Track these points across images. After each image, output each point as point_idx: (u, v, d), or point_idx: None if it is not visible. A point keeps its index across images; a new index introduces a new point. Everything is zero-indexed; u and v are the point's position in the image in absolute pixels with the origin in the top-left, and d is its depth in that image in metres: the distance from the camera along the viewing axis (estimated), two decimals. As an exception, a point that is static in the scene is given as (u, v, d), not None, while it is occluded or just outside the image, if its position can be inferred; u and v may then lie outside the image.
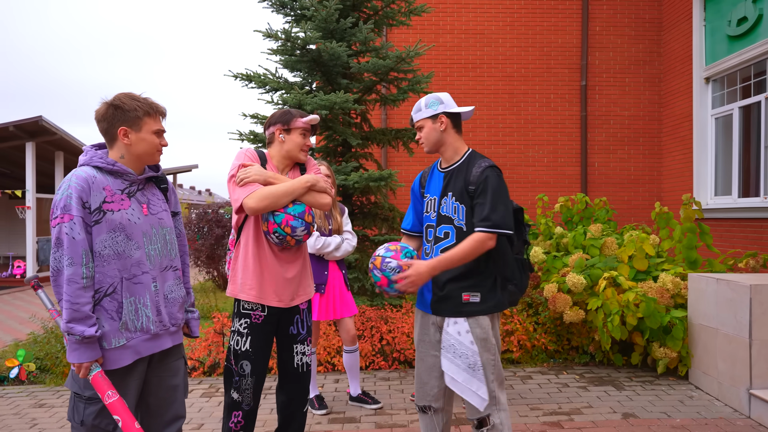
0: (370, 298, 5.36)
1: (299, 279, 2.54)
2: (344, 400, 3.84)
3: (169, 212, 2.15)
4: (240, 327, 2.48)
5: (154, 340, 2.01)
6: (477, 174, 2.22)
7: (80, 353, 1.83)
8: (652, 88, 8.66)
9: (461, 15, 8.68)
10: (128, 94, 2.00)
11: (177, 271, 2.14)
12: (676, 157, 8.15)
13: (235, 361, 2.47)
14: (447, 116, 2.31)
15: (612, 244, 4.78)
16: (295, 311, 2.55)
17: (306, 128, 2.52)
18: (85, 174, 1.90)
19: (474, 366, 2.19)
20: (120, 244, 1.92)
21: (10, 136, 12.14)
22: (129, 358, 1.94)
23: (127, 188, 2.00)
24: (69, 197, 1.85)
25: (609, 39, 8.67)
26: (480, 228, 2.17)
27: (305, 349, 2.59)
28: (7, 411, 3.87)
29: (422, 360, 2.37)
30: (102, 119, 1.97)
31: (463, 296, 2.24)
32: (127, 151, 1.98)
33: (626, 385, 4.04)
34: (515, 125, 8.68)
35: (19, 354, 4.71)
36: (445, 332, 2.26)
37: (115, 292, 1.91)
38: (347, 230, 3.69)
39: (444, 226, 2.29)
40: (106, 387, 1.83)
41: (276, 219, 2.37)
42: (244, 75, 5.51)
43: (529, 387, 4.03)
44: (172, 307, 2.09)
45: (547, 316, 4.71)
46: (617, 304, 4.00)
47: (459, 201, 2.25)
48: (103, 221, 1.89)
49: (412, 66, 5.52)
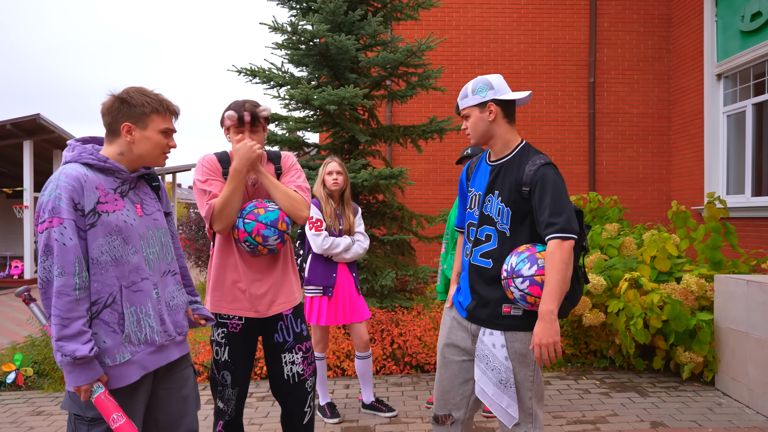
0: (379, 300, 5.20)
1: (277, 288, 2.34)
2: (356, 407, 3.68)
3: (162, 212, 1.96)
4: (218, 337, 2.33)
5: (160, 352, 1.83)
6: (531, 173, 1.97)
7: (77, 375, 1.61)
8: (661, 86, 8.52)
9: (467, 11, 8.53)
10: (139, 88, 1.81)
11: (176, 276, 1.96)
12: (686, 155, 8.01)
13: (217, 371, 2.34)
14: (497, 104, 2.03)
15: (630, 244, 4.62)
16: (278, 318, 2.37)
17: (233, 124, 2.26)
18: (76, 172, 1.69)
19: (506, 383, 2.00)
20: (117, 248, 1.73)
21: (7, 134, 11.95)
22: (136, 374, 1.75)
23: (120, 187, 1.80)
24: (58, 198, 1.63)
25: (617, 35, 8.52)
26: (551, 235, 1.89)
27: (294, 358, 2.38)
28: (4, 419, 3.70)
29: (446, 365, 2.17)
30: (107, 112, 1.78)
31: (503, 308, 2.03)
32: (128, 149, 1.80)
33: (650, 391, 3.88)
34: (522, 123, 8.53)
35: (16, 358, 4.54)
36: (480, 341, 2.06)
37: (115, 302, 1.72)
38: (359, 231, 3.52)
39: (486, 228, 2.06)
40: (111, 409, 1.64)
41: (246, 227, 2.19)
42: (248, 70, 5.34)
43: (549, 393, 3.88)
44: (176, 315, 1.92)
45: (565, 318, 4.56)
46: (640, 306, 3.85)
47: (506, 203, 2.01)
48: (98, 224, 1.69)
49: (423, 60, 5.36)
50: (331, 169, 3.39)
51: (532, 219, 2.00)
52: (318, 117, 5.51)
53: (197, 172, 2.27)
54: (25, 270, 12.56)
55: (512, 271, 1.93)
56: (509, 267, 1.95)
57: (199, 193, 2.25)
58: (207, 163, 2.29)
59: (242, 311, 2.30)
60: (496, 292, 2.04)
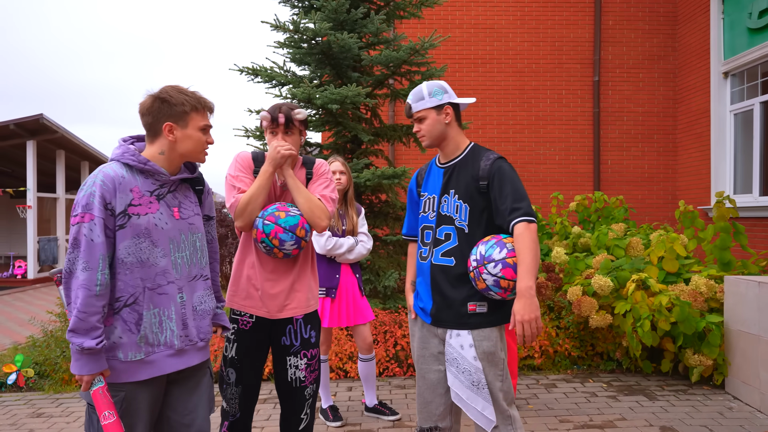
0: (382, 301, 5.14)
1: (290, 291, 2.33)
2: (359, 410, 3.62)
3: (201, 216, 1.96)
4: (229, 333, 2.33)
5: (179, 356, 1.84)
6: (487, 167, 2.03)
7: (81, 365, 1.66)
8: (666, 84, 8.44)
9: (471, 9, 8.47)
10: (176, 86, 1.83)
11: (207, 281, 1.96)
12: (693, 155, 7.92)
13: (224, 367, 2.33)
14: (452, 107, 2.10)
15: (638, 245, 4.55)
16: (287, 322, 2.35)
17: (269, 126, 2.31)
18: (113, 173, 1.73)
19: (478, 384, 1.99)
20: (144, 251, 1.76)
21: (10, 134, 11.96)
22: (147, 373, 1.77)
23: (157, 190, 1.82)
24: (92, 195, 1.69)
25: (622, 33, 8.45)
26: (517, 219, 1.95)
27: (299, 363, 2.36)
28: (3, 421, 3.66)
29: (424, 377, 2.15)
30: (147, 113, 1.80)
31: (468, 306, 2.02)
32: (170, 148, 1.82)
33: (658, 394, 3.82)
34: (526, 122, 8.47)
35: (17, 359, 4.51)
36: (448, 344, 2.05)
37: (136, 302, 1.75)
38: (362, 232, 3.46)
39: (445, 227, 2.08)
40: (105, 405, 1.66)
41: (265, 229, 2.19)
42: (250, 69, 5.30)
43: (555, 396, 3.81)
44: (202, 320, 1.91)
45: (571, 320, 4.49)
46: (647, 308, 3.78)
47: (463, 199, 2.05)
48: (127, 226, 1.73)
49: (426, 58, 5.30)
50: (335, 169, 3.34)
51: (488, 214, 2.05)
52: (320, 116, 5.46)
53: (230, 168, 2.32)
54: (28, 270, 12.56)
55: (482, 258, 1.95)
56: (478, 256, 1.97)
57: (228, 187, 2.29)
58: (241, 159, 2.33)
59: (253, 309, 2.30)
60: (461, 292, 2.05)
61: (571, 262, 4.71)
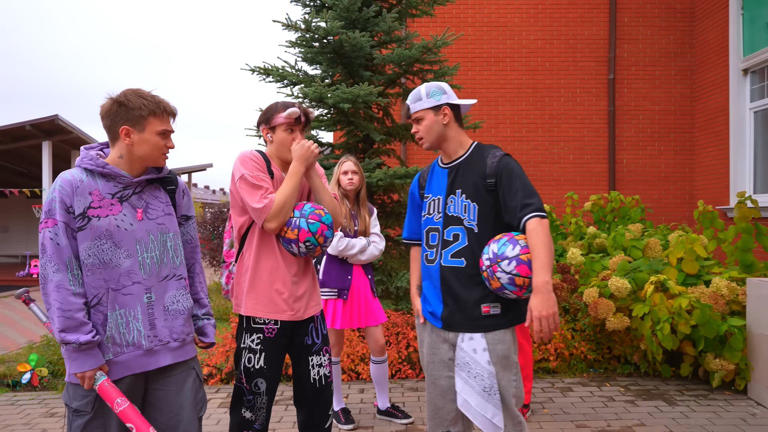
0: (394, 302, 5.09)
1: (311, 289, 2.35)
2: (371, 413, 3.58)
3: (174, 216, 1.95)
4: (252, 343, 2.24)
5: (149, 356, 1.84)
6: (494, 164, 1.99)
7: (81, 362, 1.71)
8: (684, 81, 8.29)
9: (483, 7, 8.39)
10: (136, 90, 1.83)
11: (182, 280, 1.94)
12: (711, 153, 7.77)
13: (248, 380, 2.24)
14: (450, 108, 2.07)
15: (656, 246, 4.45)
16: (310, 320, 2.34)
17: (289, 123, 2.24)
18: (71, 177, 1.78)
19: (490, 390, 1.93)
20: (106, 252, 1.78)
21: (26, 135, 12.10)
22: (117, 373, 1.79)
23: (120, 192, 1.84)
24: (53, 201, 1.75)
25: (638, 30, 8.31)
26: (530, 215, 1.91)
27: (322, 360, 2.35)
28: (17, 420, 3.67)
29: (434, 383, 2.09)
30: (105, 116, 1.83)
31: (482, 308, 1.97)
32: (128, 152, 1.83)
33: (678, 399, 3.72)
34: (539, 121, 8.37)
35: (31, 358, 4.53)
36: (459, 348, 1.99)
37: (100, 303, 1.78)
38: (374, 232, 3.41)
39: (453, 228, 2.04)
40: (114, 395, 1.71)
41: (311, 228, 2.17)
42: (261, 69, 5.28)
43: (571, 401, 3.74)
44: (174, 320, 1.89)
45: (587, 322, 4.41)
46: (667, 310, 3.69)
47: (471, 199, 2.01)
48: (87, 228, 1.76)
49: (438, 57, 5.24)
50: (347, 169, 3.30)
51: (496, 212, 2.01)
52: (332, 116, 5.42)
53: (245, 167, 2.19)
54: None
55: (495, 257, 1.91)
56: (491, 254, 1.92)
57: (251, 188, 2.16)
58: (255, 157, 2.23)
59: (278, 314, 2.24)
60: (473, 293, 2.00)
61: (587, 263, 4.62)
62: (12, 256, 17.56)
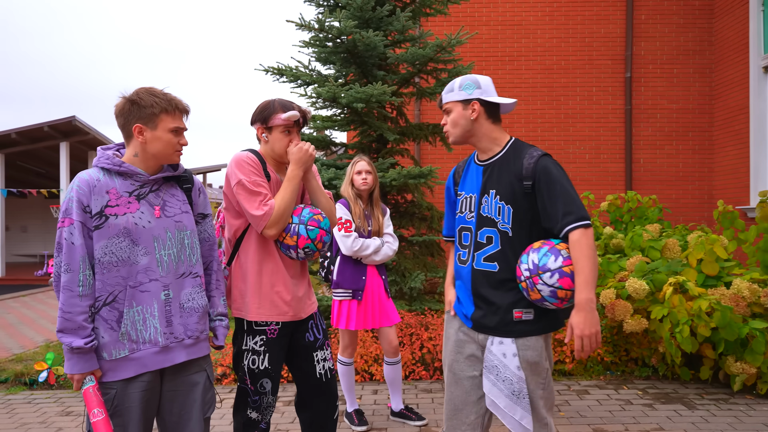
0: (408, 302, 5.07)
1: (307, 290, 2.37)
2: (385, 414, 3.55)
3: (191, 214, 1.96)
4: (254, 345, 2.23)
5: (164, 353, 1.85)
6: (530, 165, 1.87)
7: (72, 364, 1.73)
8: (702, 79, 8.15)
9: (498, 5, 8.33)
10: (148, 89, 1.84)
11: (198, 278, 1.94)
12: (730, 152, 7.63)
13: (253, 381, 2.23)
14: (481, 104, 1.96)
15: (674, 246, 4.37)
16: (309, 318, 2.36)
17: (288, 125, 2.20)
18: (88, 177, 1.80)
19: (519, 393, 1.87)
20: (124, 249, 1.80)
21: (44, 136, 12.28)
22: (132, 370, 1.80)
23: (137, 190, 1.86)
24: (70, 200, 1.77)
25: (656, 28, 8.19)
26: (573, 225, 1.80)
27: (326, 354, 2.37)
28: (33, 419, 3.71)
29: (457, 382, 2.01)
30: (119, 115, 1.85)
31: (514, 313, 1.90)
32: (142, 150, 1.85)
33: (698, 403, 3.65)
34: (555, 120, 8.28)
35: (48, 357, 4.58)
36: (488, 351, 1.93)
37: (116, 300, 1.79)
38: (388, 233, 3.39)
39: (486, 230, 1.94)
40: (95, 404, 1.71)
41: (310, 234, 2.17)
42: (275, 69, 5.28)
43: (588, 403, 3.68)
44: (189, 318, 1.90)
45: (604, 324, 4.34)
46: (686, 312, 3.62)
47: (505, 201, 1.91)
48: (104, 226, 1.78)
49: (452, 56, 5.20)
50: (360, 169, 3.28)
51: (533, 215, 1.90)
52: (345, 115, 5.41)
53: (242, 171, 2.14)
54: (61, 269, 12.86)
55: (537, 268, 1.80)
56: (531, 265, 1.82)
57: (250, 193, 2.13)
58: (252, 161, 2.18)
59: (280, 316, 2.24)
60: (504, 297, 1.92)
61: (604, 264, 4.55)
62: (31, 256, 17.83)
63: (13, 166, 14.07)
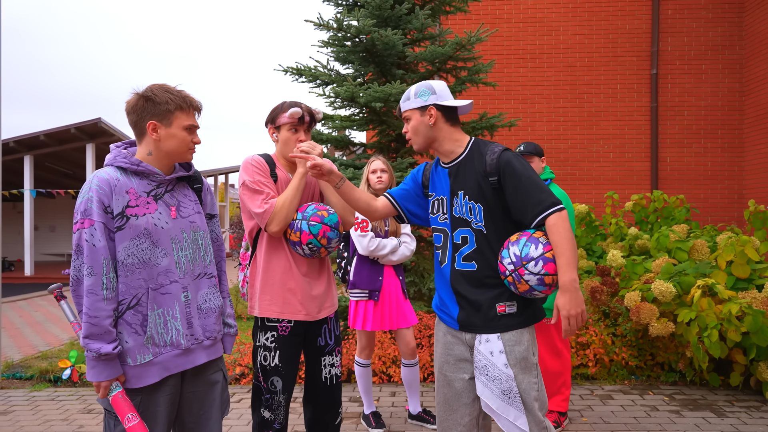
0: (427, 303, 5.01)
1: (326, 291, 2.35)
2: (403, 417, 3.51)
3: (202, 215, 1.96)
4: (266, 341, 2.26)
5: (186, 355, 1.83)
6: (493, 161, 1.91)
7: (98, 371, 1.67)
8: (732, 76, 7.90)
9: (519, 2, 8.21)
10: (162, 85, 1.81)
11: (212, 279, 1.95)
12: (762, 150, 7.38)
13: (265, 378, 2.25)
14: (438, 108, 1.99)
15: (703, 248, 4.23)
16: (323, 321, 2.35)
17: (293, 122, 2.24)
18: (107, 176, 1.74)
19: (509, 392, 1.86)
20: (145, 251, 1.75)
21: (71, 137, 12.56)
22: (156, 375, 1.77)
23: (154, 190, 1.82)
24: (90, 201, 1.70)
25: (683, 23, 7.98)
26: (547, 212, 1.82)
27: (334, 360, 2.38)
28: (56, 416, 3.76)
29: (449, 384, 2.01)
30: (132, 111, 1.80)
31: (497, 307, 1.90)
32: (156, 147, 1.81)
33: (728, 411, 3.51)
34: (578, 118, 8.13)
35: (71, 355, 4.65)
36: (477, 351, 1.92)
37: (140, 304, 1.75)
38: (405, 233, 3.35)
39: (461, 230, 1.97)
40: (126, 409, 1.68)
41: (312, 230, 2.16)
42: (294, 69, 5.28)
43: (612, 409, 3.57)
44: (207, 319, 1.89)
45: (629, 327, 4.22)
46: (715, 316, 3.49)
47: (474, 200, 1.93)
48: (126, 227, 1.73)
49: (472, 54, 5.13)
50: (376, 168, 3.25)
51: (503, 210, 1.94)
52: (364, 115, 5.38)
53: (247, 173, 2.23)
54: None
55: (520, 259, 1.82)
56: (513, 258, 1.83)
57: (252, 192, 2.20)
58: (256, 163, 2.25)
59: (292, 314, 2.25)
60: (486, 294, 1.94)
61: (629, 265, 4.43)
62: (58, 255, 18.28)
63: (41, 167, 14.43)
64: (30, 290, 11.08)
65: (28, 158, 12.84)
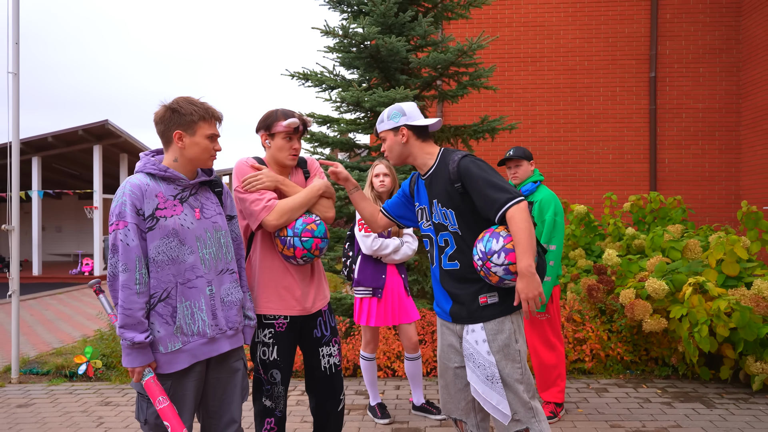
0: (430, 300, 5.17)
1: (317, 285, 2.50)
2: (407, 408, 3.67)
3: (224, 216, 2.14)
4: (264, 338, 2.40)
5: (211, 344, 2.01)
6: (455, 169, 2.11)
7: (132, 358, 1.86)
8: (729, 78, 8.05)
9: (520, 7, 8.37)
10: (186, 98, 2.00)
11: (234, 274, 2.13)
12: (758, 152, 7.53)
13: (265, 371, 2.40)
14: (409, 128, 2.22)
15: (695, 247, 4.38)
16: (317, 314, 2.49)
17: (288, 131, 2.37)
18: (139, 181, 1.93)
19: (492, 378, 2.06)
20: (174, 249, 1.93)
21: (79, 139, 12.74)
22: (185, 361, 1.95)
23: (180, 193, 2.01)
24: (123, 204, 1.88)
25: (681, 27, 8.13)
26: (504, 208, 2.00)
27: (332, 350, 2.52)
28: (75, 408, 3.93)
29: (445, 371, 2.26)
30: (159, 122, 1.99)
31: (480, 299, 2.10)
32: (181, 155, 1.99)
33: (717, 402, 3.67)
34: (578, 120, 8.29)
35: (86, 351, 4.82)
36: (465, 340, 2.15)
37: (170, 297, 1.93)
38: (407, 233, 3.51)
39: (442, 234, 2.20)
40: (157, 392, 1.86)
41: (305, 245, 2.30)
42: (300, 74, 5.45)
43: (606, 401, 3.73)
44: (229, 311, 2.08)
45: (624, 324, 4.38)
46: (705, 312, 3.65)
47: (446, 206, 2.16)
48: (156, 228, 1.91)
49: (474, 59, 5.29)
50: (378, 171, 3.41)
51: (473, 212, 2.12)
52: (369, 119, 5.55)
53: (242, 172, 2.36)
54: (95, 267, 13.33)
55: (485, 254, 2.00)
56: (480, 253, 2.02)
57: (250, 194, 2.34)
58: (253, 165, 2.39)
59: (288, 310, 2.39)
60: (469, 288, 2.13)
61: (624, 264, 4.58)
62: (65, 255, 18.47)
63: (49, 169, 14.62)
64: (38, 290, 11.28)
65: (36, 159, 13.02)
